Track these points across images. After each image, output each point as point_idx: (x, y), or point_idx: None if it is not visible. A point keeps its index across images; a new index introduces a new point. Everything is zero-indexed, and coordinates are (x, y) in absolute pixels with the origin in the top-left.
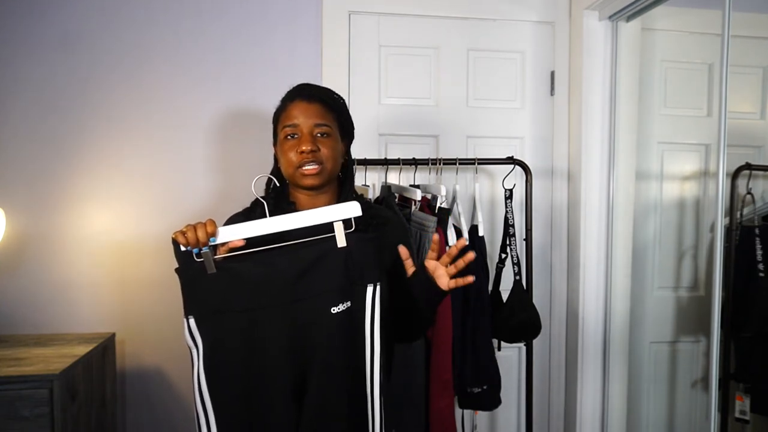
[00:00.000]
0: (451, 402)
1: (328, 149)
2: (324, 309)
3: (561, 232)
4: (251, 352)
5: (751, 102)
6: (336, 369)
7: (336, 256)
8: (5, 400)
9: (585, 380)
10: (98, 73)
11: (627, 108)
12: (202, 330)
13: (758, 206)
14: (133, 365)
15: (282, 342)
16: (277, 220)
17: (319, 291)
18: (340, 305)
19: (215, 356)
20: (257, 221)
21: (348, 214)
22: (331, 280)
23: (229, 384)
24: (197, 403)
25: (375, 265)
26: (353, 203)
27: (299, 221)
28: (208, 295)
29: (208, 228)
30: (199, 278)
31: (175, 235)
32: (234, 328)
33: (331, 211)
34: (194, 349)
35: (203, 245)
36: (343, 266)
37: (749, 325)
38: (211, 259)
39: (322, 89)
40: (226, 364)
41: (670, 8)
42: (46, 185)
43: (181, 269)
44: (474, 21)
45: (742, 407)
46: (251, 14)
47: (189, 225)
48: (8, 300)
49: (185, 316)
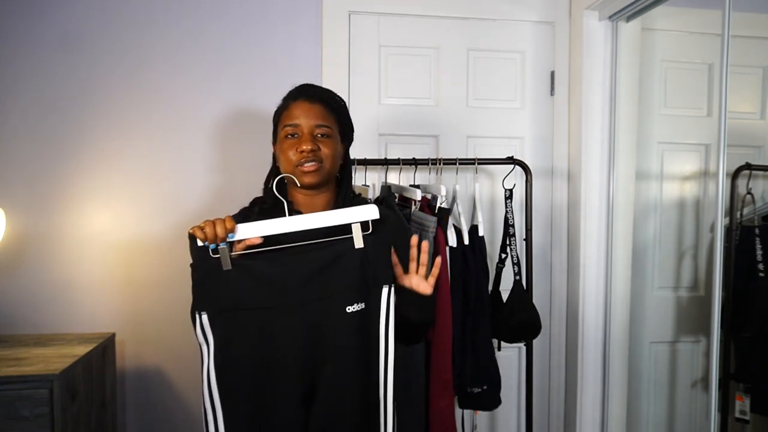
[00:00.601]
0: (451, 402)
1: (328, 149)
2: (340, 309)
3: (561, 232)
4: (263, 350)
5: (751, 102)
6: (349, 370)
7: (352, 257)
8: (5, 400)
9: (585, 380)
10: (98, 73)
11: (627, 108)
12: (215, 326)
13: (758, 206)
14: (133, 365)
15: (294, 342)
16: (297, 220)
17: (334, 291)
18: (355, 305)
19: (226, 353)
20: (276, 220)
21: (366, 217)
22: (347, 281)
23: (239, 382)
24: (205, 400)
25: (389, 267)
26: (371, 206)
27: (318, 221)
28: (222, 292)
29: (227, 224)
30: (214, 274)
31: (192, 230)
32: (247, 326)
33: (350, 213)
34: (205, 345)
35: (221, 241)
36: (360, 267)
37: (749, 325)
38: (228, 255)
39: (324, 90)
40: (237, 362)
41: (670, 8)
42: (46, 185)
43: (196, 264)
44: (474, 21)
45: (742, 407)
46: (251, 14)
47: (207, 220)
48: (8, 300)
49: (197, 311)
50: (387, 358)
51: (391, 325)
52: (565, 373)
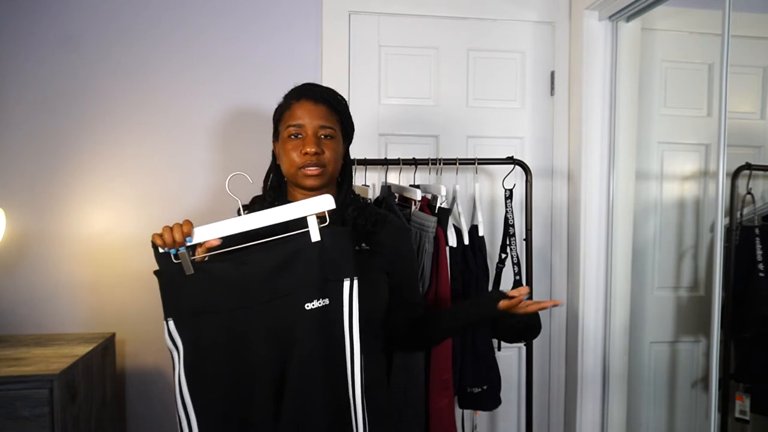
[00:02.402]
0: (451, 402)
1: (331, 152)
2: (299, 306)
3: (561, 232)
4: (231, 352)
5: (751, 102)
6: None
7: (310, 251)
8: (5, 400)
9: (585, 380)
10: (98, 73)
11: (627, 108)
12: (182, 332)
13: (758, 206)
14: (133, 365)
15: (261, 341)
16: (251, 218)
17: (293, 287)
18: (315, 301)
19: (195, 358)
20: (232, 219)
21: (321, 208)
22: (305, 276)
23: (210, 385)
24: (178, 406)
25: (350, 259)
26: (326, 196)
27: (273, 217)
28: (186, 297)
29: (184, 228)
30: (177, 279)
31: (153, 237)
32: (213, 329)
33: (304, 205)
34: (174, 351)
35: (180, 246)
36: (318, 261)
37: (749, 325)
38: (188, 259)
39: (328, 90)
40: (207, 366)
41: (670, 8)
42: (46, 185)
43: (159, 271)
44: (474, 21)
45: (742, 407)
46: (251, 14)
47: (166, 226)
48: (8, 300)
49: (164, 318)
50: (353, 355)
51: (355, 321)
52: (565, 373)
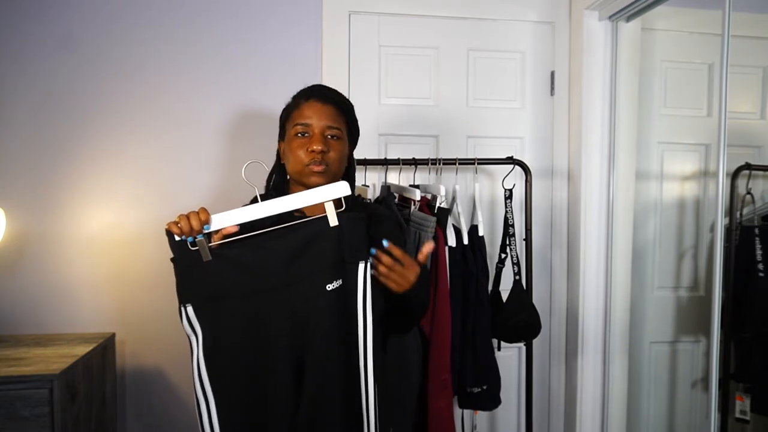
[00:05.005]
0: (450, 402)
1: (336, 152)
2: (320, 287)
3: (561, 232)
4: (251, 336)
5: (751, 102)
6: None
7: (328, 235)
8: (5, 400)
9: (585, 380)
10: (99, 74)
11: (627, 108)
12: (201, 317)
13: (758, 206)
14: (133, 365)
15: (281, 324)
16: (268, 204)
17: (313, 270)
18: (334, 282)
19: (215, 342)
20: (249, 206)
21: (338, 194)
22: (324, 259)
23: (230, 369)
24: (197, 390)
25: (365, 243)
26: (342, 183)
27: (290, 204)
28: (205, 283)
29: (201, 216)
30: (195, 266)
31: (168, 226)
32: (232, 313)
33: (321, 191)
34: (193, 336)
35: (197, 233)
36: (336, 245)
37: (749, 325)
38: (206, 246)
39: (336, 92)
40: (226, 350)
41: (670, 8)
42: (46, 185)
43: (176, 258)
44: (474, 21)
45: (742, 407)
46: (251, 15)
47: (181, 215)
48: (8, 300)
49: (181, 304)
50: (366, 336)
51: (368, 302)
52: (565, 374)
